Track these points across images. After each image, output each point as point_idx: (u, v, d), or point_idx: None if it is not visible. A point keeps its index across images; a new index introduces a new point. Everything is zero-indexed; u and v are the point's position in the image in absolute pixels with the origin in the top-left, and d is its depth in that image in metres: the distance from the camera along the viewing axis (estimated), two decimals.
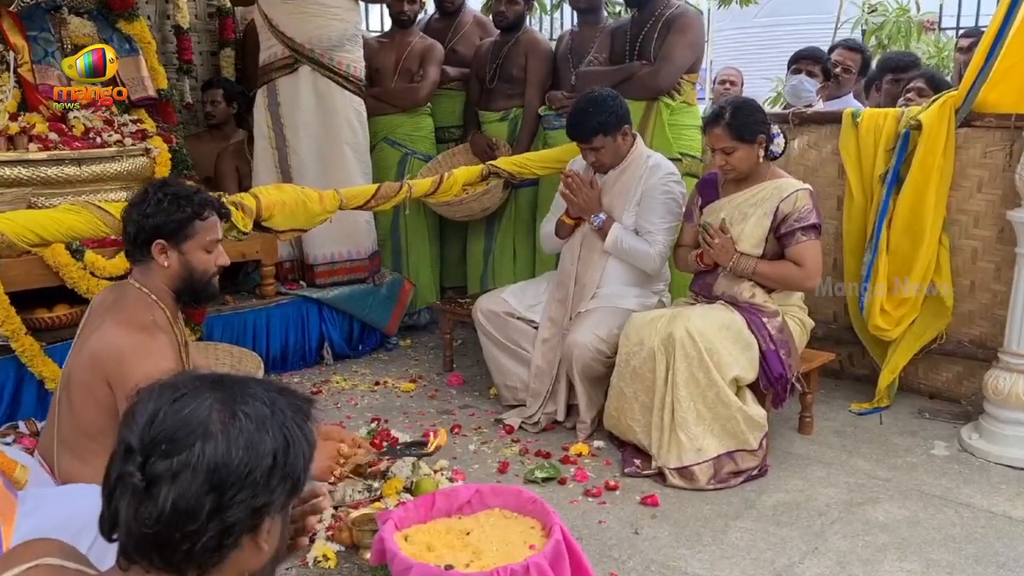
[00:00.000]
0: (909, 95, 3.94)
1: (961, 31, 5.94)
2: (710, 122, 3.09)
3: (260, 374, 3.10)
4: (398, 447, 2.76)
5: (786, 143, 3.23)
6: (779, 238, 3.06)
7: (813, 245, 3.03)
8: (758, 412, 2.98)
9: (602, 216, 3.36)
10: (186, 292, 2.15)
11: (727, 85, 5.80)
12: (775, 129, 3.12)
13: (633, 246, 3.33)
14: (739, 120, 3.01)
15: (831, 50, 4.65)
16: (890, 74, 4.39)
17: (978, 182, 3.38)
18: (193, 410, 0.97)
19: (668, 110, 3.89)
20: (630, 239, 3.34)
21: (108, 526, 0.99)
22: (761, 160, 3.09)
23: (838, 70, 4.57)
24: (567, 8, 6.37)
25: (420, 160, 4.65)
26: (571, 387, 3.37)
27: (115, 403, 2.01)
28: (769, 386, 3.02)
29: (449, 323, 4.17)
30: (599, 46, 4.15)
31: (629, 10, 4.21)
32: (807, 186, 3.09)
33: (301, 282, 4.32)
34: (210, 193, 2.26)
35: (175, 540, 0.95)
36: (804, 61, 4.32)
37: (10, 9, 3.72)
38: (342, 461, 2.15)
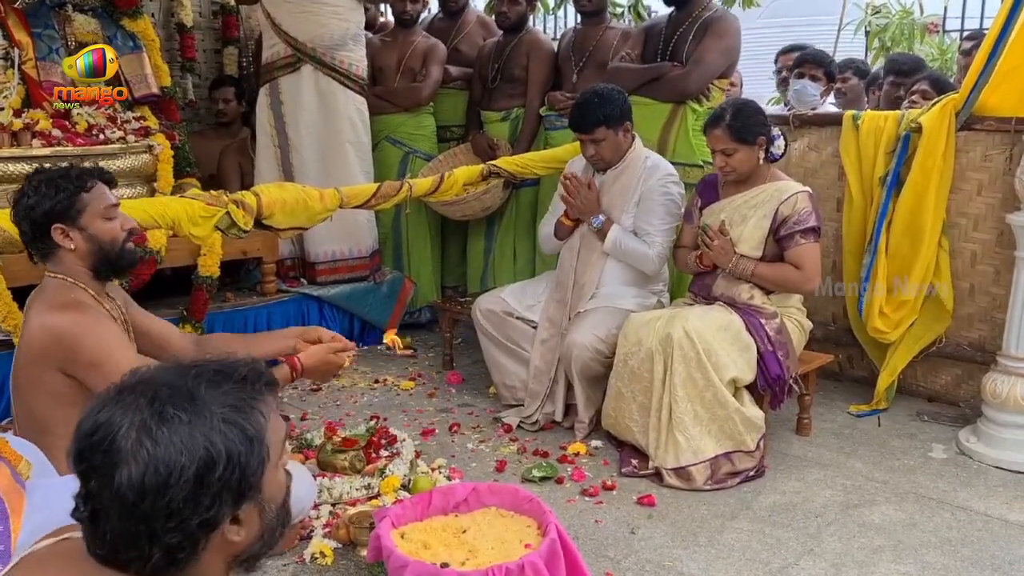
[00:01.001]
0: (913, 97, 3.95)
1: (965, 33, 5.94)
2: (710, 123, 3.09)
3: None
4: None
5: (786, 145, 3.22)
6: (778, 240, 3.07)
7: (812, 248, 3.03)
8: (755, 413, 2.99)
9: (601, 218, 3.37)
10: (103, 266, 2.10)
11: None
12: (775, 131, 3.12)
13: (632, 247, 3.34)
14: (739, 122, 3.01)
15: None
16: (892, 76, 4.39)
17: (978, 185, 3.38)
18: (111, 440, 0.94)
19: (694, 115, 3.81)
20: (629, 241, 3.34)
21: None
22: (761, 162, 3.09)
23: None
24: (570, 8, 6.37)
25: (422, 159, 4.66)
26: (569, 387, 3.38)
27: (67, 391, 1.99)
28: (767, 387, 3.02)
29: (449, 322, 4.19)
30: (632, 43, 4.09)
31: (623, 12, 4.17)
32: (807, 188, 3.10)
33: (302, 280, 4.34)
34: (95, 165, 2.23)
35: (125, 561, 0.96)
36: (807, 65, 4.33)
37: (15, 6, 3.74)
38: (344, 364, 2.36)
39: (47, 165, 3.27)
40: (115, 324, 2.10)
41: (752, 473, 2.96)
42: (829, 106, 4.41)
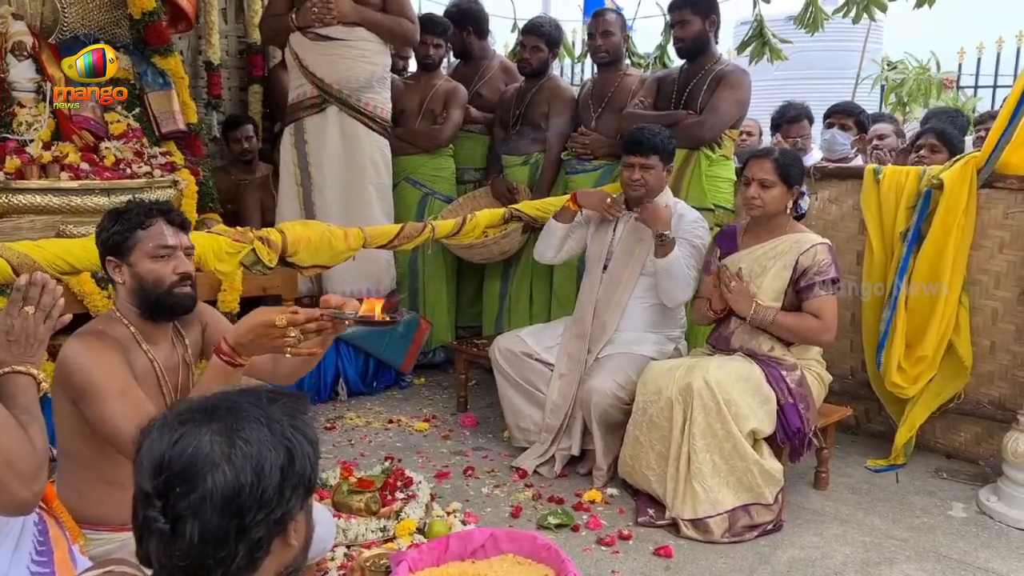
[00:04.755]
0: (922, 152, 3.97)
1: (979, 114, 5.99)
2: (760, 154, 3.13)
3: None
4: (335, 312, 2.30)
5: (810, 203, 3.25)
6: (798, 292, 3.06)
7: (831, 300, 3.03)
8: (774, 466, 2.96)
9: (669, 233, 3.31)
10: (147, 306, 2.05)
11: (744, 136, 5.83)
12: (805, 187, 3.16)
13: (684, 271, 3.30)
14: (786, 160, 3.06)
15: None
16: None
17: (999, 243, 3.38)
18: (196, 447, 1.01)
19: (707, 161, 3.92)
20: (683, 263, 3.31)
21: (145, 562, 1.05)
22: (788, 211, 3.11)
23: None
24: None
25: (440, 201, 4.70)
26: (586, 431, 3.36)
27: (77, 422, 1.96)
28: (787, 440, 3.00)
29: (464, 364, 4.18)
30: (644, 91, 4.20)
31: (649, 64, 4.25)
32: (826, 240, 3.10)
33: None
34: (163, 201, 2.16)
35: (209, 567, 1.01)
36: (837, 115, 4.39)
37: (49, 41, 3.82)
38: (287, 334, 1.76)
39: (76, 199, 3.34)
40: (125, 364, 1.98)
41: (770, 527, 2.93)
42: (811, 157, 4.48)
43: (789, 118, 4.77)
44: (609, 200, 3.48)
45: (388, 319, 1.97)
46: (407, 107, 4.69)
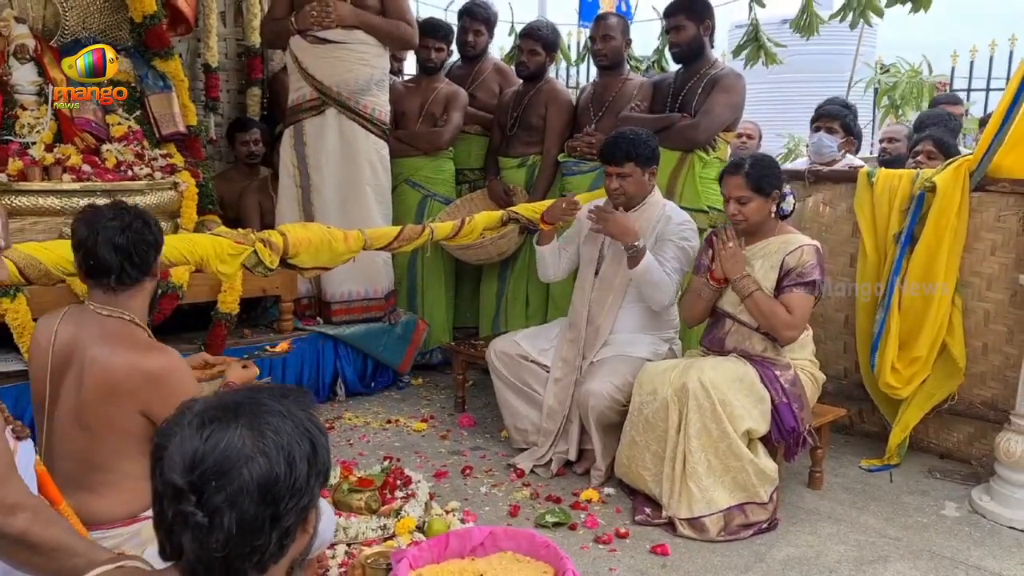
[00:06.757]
0: (919, 157, 4.02)
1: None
2: (729, 171, 3.13)
3: None
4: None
5: (795, 203, 3.26)
6: (779, 289, 3.07)
7: (807, 299, 3.03)
8: (769, 465, 3.00)
9: (642, 241, 3.35)
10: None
11: (743, 139, 5.86)
12: (787, 188, 3.18)
13: (661, 276, 3.34)
14: (758, 172, 3.05)
15: None
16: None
17: (991, 245, 3.42)
18: (228, 441, 1.05)
19: (701, 163, 3.99)
20: (657, 267, 3.35)
21: (172, 556, 1.08)
22: (772, 215, 3.14)
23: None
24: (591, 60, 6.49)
25: (440, 203, 4.73)
26: (583, 430, 3.39)
27: (139, 431, 1.98)
28: (781, 439, 3.03)
29: (462, 364, 4.21)
30: (641, 95, 4.28)
31: (648, 67, 4.30)
32: (815, 242, 3.11)
33: (318, 318, 4.37)
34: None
35: (245, 555, 1.05)
36: (823, 119, 4.44)
37: (51, 44, 3.84)
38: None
39: (78, 201, 3.37)
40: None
41: (765, 526, 2.96)
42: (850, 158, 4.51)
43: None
44: (564, 204, 3.57)
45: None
46: (408, 110, 4.73)
